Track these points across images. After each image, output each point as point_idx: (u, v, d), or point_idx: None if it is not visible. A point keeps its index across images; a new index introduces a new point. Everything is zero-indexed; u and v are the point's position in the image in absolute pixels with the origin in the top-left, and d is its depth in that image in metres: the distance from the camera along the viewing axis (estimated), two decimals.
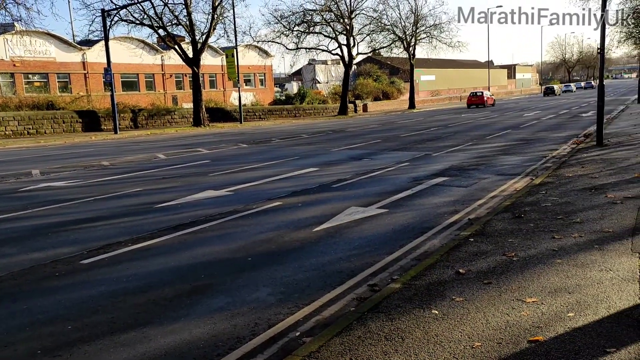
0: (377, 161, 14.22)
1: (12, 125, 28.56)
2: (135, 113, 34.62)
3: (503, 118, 31.07)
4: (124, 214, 8.75)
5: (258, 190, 10.47)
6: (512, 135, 20.27)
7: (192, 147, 20.53)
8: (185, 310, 4.73)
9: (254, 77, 52.08)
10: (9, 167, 15.57)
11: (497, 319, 4.11)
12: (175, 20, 32.84)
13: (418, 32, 49.28)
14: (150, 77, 42.76)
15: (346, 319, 4.28)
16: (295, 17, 42.40)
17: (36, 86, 36.04)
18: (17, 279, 5.67)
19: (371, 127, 29.16)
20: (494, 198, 9.00)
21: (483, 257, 5.64)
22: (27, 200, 10.11)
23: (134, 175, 13.21)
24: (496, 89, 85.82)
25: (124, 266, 5.99)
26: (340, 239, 6.85)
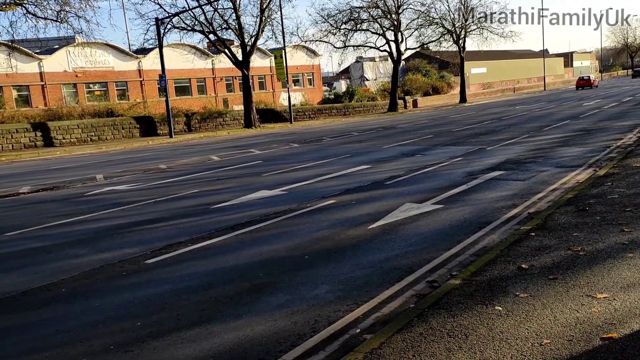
0: (430, 157, 14.02)
1: (76, 133, 29.95)
2: (189, 117, 35.57)
3: (561, 108, 29.95)
4: (183, 215, 9.01)
5: (311, 189, 10.54)
6: (571, 125, 19.51)
7: (245, 148, 20.90)
8: (246, 307, 4.83)
9: (303, 77, 52.43)
10: (76, 173, 16.34)
11: (565, 316, 3.98)
12: (225, 25, 33.51)
13: (468, 24, 48.18)
14: (201, 81, 43.83)
15: (406, 316, 4.24)
16: (342, 15, 42.38)
17: (96, 95, 37.67)
18: (89, 278, 5.95)
19: (422, 122, 28.78)
20: (555, 191, 8.70)
21: (546, 252, 5.46)
22: (93, 204, 10.58)
23: (190, 178, 13.58)
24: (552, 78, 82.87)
25: (186, 265, 6.17)
26: (396, 236, 6.81)
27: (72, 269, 6.28)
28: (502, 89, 70.45)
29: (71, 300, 5.28)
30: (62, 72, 35.34)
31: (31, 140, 28.19)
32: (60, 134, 29.25)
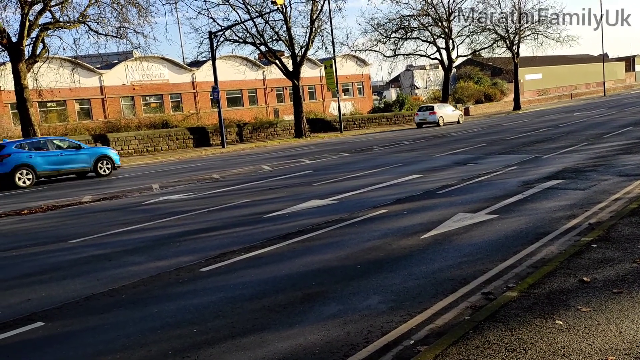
0: (483, 165, 13.73)
1: (133, 144, 31.13)
2: (240, 127, 36.29)
3: (622, 114, 28.68)
4: (236, 224, 9.18)
5: (362, 199, 10.52)
6: (634, 132, 18.64)
7: (295, 158, 21.10)
8: (299, 316, 4.86)
9: (352, 86, 52.55)
10: (133, 183, 16.97)
11: (632, 332, 3.79)
12: (276, 36, 34.09)
13: (522, 29, 47.00)
14: (252, 92, 44.68)
15: (461, 328, 4.16)
16: (392, 24, 42.27)
17: (152, 107, 39.06)
18: (147, 285, 6.15)
19: (474, 130, 28.22)
20: (618, 201, 8.32)
21: (610, 265, 5.23)
22: (150, 213, 10.95)
23: (242, 187, 13.83)
24: (612, 83, 79.57)
25: (239, 274, 6.28)
26: (450, 246, 6.69)
27: (131, 275, 6.51)
28: (559, 95, 68.17)
29: (131, 306, 5.47)
30: (120, 85, 36.89)
31: None
32: (119, 145, 30.44)
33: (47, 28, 23.79)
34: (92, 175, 19.98)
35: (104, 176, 19.72)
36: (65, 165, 19.18)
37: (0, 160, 17.61)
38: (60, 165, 19.04)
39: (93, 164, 19.66)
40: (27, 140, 19.69)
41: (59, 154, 19.06)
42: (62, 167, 19.13)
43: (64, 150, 19.33)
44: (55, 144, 19.48)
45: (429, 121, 36.47)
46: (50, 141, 19.54)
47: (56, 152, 19.06)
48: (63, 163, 19.08)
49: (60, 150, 19.20)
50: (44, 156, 18.62)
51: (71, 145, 19.75)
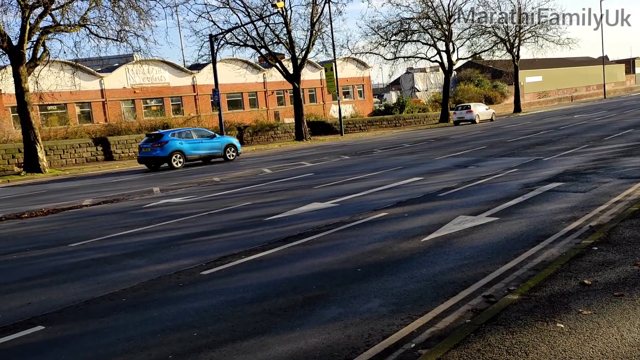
0: (483, 168, 13.72)
1: (134, 147, 31.09)
2: (241, 130, 36.30)
3: (622, 117, 28.69)
4: (236, 227, 9.18)
5: (363, 201, 10.51)
6: (634, 135, 18.64)
7: (296, 161, 21.10)
8: (300, 320, 4.85)
9: (353, 89, 52.60)
10: (134, 186, 16.98)
11: (633, 335, 3.78)
12: (276, 39, 34.14)
13: (522, 32, 47.04)
14: (253, 95, 44.74)
15: (462, 331, 4.15)
16: (392, 27, 42.30)
17: (153, 110, 39.12)
18: (147, 288, 6.14)
19: (475, 133, 28.23)
20: (618, 203, 8.31)
21: (611, 267, 5.22)
22: (150, 216, 10.94)
23: (242, 190, 13.83)
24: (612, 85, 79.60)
25: (240, 277, 6.27)
26: (451, 249, 6.68)
27: (132, 279, 6.50)
28: (559, 97, 68.22)
29: (131, 310, 5.47)
30: (121, 88, 36.95)
31: (93, 155, 29.51)
32: (120, 148, 30.47)
33: (47, 31, 23.83)
34: (220, 160, 23.95)
35: (230, 160, 23.87)
36: (204, 150, 23.39)
37: (161, 146, 21.99)
38: (201, 150, 23.28)
39: (223, 150, 23.94)
40: (177, 130, 24.06)
41: (200, 142, 23.30)
42: (203, 152, 23.36)
43: (203, 139, 23.49)
44: (197, 133, 23.81)
45: (466, 119, 38.39)
46: (193, 131, 24.01)
47: (198, 140, 23.30)
48: (203, 149, 23.34)
49: (200, 139, 23.39)
50: (190, 143, 22.90)
51: (208, 135, 24.00)
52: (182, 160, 22.45)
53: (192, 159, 23.06)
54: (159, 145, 22.08)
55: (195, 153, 23.07)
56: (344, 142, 32.26)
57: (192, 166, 22.75)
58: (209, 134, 24.17)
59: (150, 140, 22.71)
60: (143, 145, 22.80)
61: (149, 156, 22.41)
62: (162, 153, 22.04)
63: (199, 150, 23.18)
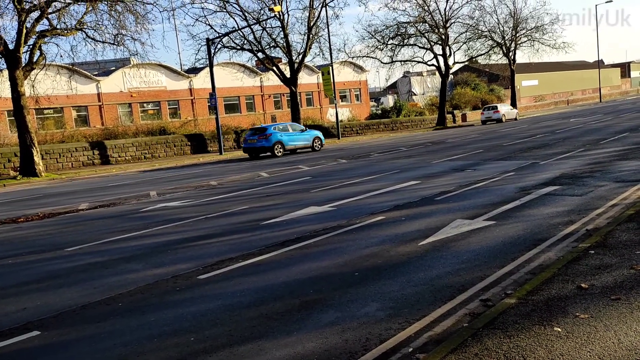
0: (480, 172, 13.75)
1: (131, 151, 31.12)
2: (238, 134, 36.30)
3: (618, 120, 28.80)
4: (233, 231, 9.16)
5: (360, 205, 10.52)
6: (630, 138, 18.71)
7: (293, 165, 21.11)
8: (297, 324, 4.84)
9: (350, 93, 52.67)
10: (131, 190, 16.95)
11: (630, 339, 3.78)
12: (273, 43, 34.21)
13: (518, 36, 47.28)
14: (250, 98, 44.75)
15: (460, 335, 4.14)
16: (389, 31, 42.49)
17: (150, 114, 39.08)
18: (144, 292, 6.12)
19: (472, 137, 28.29)
20: (615, 207, 8.33)
21: (607, 271, 5.23)
22: (147, 220, 10.92)
23: (240, 194, 13.82)
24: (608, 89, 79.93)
25: (237, 281, 6.26)
26: (448, 253, 6.68)
27: (129, 283, 6.48)
28: (555, 101, 68.48)
29: (128, 315, 5.45)
30: (118, 92, 36.91)
31: (89, 159, 29.47)
32: (116, 152, 30.44)
33: (44, 35, 23.81)
34: (308, 150, 28.43)
35: (317, 151, 28.26)
36: (298, 142, 27.74)
37: (266, 138, 26.22)
38: (296, 142, 27.62)
39: (312, 142, 28.32)
40: (277, 124, 28.29)
41: (295, 135, 27.65)
42: (297, 143, 27.68)
43: (297, 132, 27.89)
44: (291, 127, 28.04)
45: (494, 118, 41.93)
46: (289, 125, 28.33)
47: (293, 133, 27.65)
48: (297, 141, 27.72)
49: (295, 132, 27.77)
50: (288, 136, 27.24)
51: (300, 129, 28.31)
52: (282, 150, 26.70)
53: (288, 149, 27.23)
54: (264, 137, 26.25)
55: (292, 144, 27.33)
56: (341, 145, 32.28)
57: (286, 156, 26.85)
58: (300, 128, 28.60)
59: (255, 133, 26.96)
60: (248, 137, 27.01)
61: (254, 146, 26.51)
62: (267, 143, 26.21)
63: (294, 142, 27.50)
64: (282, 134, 26.92)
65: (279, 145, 26.58)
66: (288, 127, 28.04)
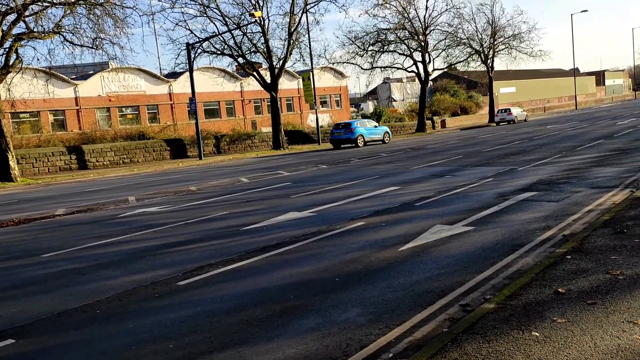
0: (459, 177, 13.89)
1: (109, 156, 30.71)
2: (218, 139, 36.12)
3: (594, 127, 29.39)
4: (213, 236, 9.10)
5: (340, 211, 10.53)
6: (605, 145, 19.10)
7: (273, 170, 21.06)
8: (277, 330, 4.82)
9: (330, 99, 52.84)
10: (109, 195, 16.72)
11: (606, 342, 3.85)
12: (254, 48, 34.16)
13: (496, 43, 48.01)
14: (230, 103, 44.59)
15: (440, 341, 4.17)
16: (369, 37, 42.74)
17: (129, 118, 38.68)
18: (122, 299, 6.03)
19: (451, 143, 28.59)
20: (590, 212, 8.49)
21: (584, 276, 5.32)
22: (126, 226, 10.78)
23: (220, 199, 13.74)
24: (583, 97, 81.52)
25: (217, 287, 6.21)
26: (428, 258, 6.73)
27: (106, 290, 6.38)
28: (532, 108, 69.58)
29: (105, 322, 5.36)
30: (96, 96, 36.47)
31: (66, 163, 29.02)
32: (94, 157, 30.02)
33: (20, 38, 23.42)
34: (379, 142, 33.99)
35: (385, 143, 33.66)
36: (373, 135, 33.56)
37: (351, 131, 32.10)
38: (372, 135, 33.44)
39: (382, 136, 34.11)
40: (357, 120, 34.46)
41: (371, 129, 33.62)
42: (373, 136, 33.52)
43: (372, 127, 33.91)
44: (368, 124, 34.37)
45: (507, 119, 46.82)
46: (367, 122, 34.80)
47: (369, 128, 33.65)
48: (373, 134, 33.59)
49: (370, 127, 33.78)
50: (366, 130, 33.17)
51: (373, 125, 34.56)
52: (362, 142, 32.36)
53: (367, 141, 32.74)
54: (350, 131, 32.02)
55: (369, 137, 33.07)
56: (322, 151, 32.34)
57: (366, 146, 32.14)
58: (374, 125, 34.59)
59: (340, 127, 32.91)
60: (335, 131, 32.84)
61: (341, 138, 32.27)
62: (352, 136, 31.97)
63: (371, 135, 33.25)
64: (362, 128, 32.71)
65: (361, 138, 32.32)
66: (365, 123, 34.15)
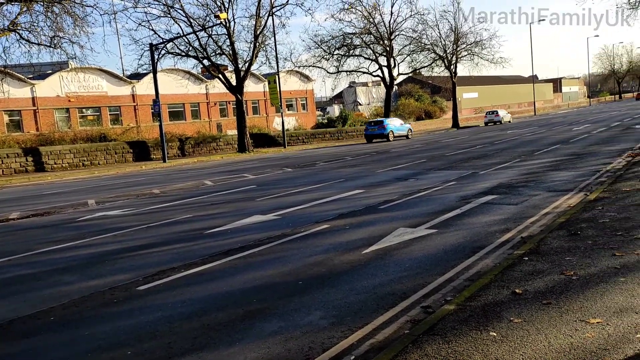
0: (423, 181, 14.08)
1: (68, 158, 29.89)
2: (182, 142, 35.63)
3: (551, 133, 30.28)
4: (176, 240, 8.96)
5: (305, 214, 10.53)
6: (562, 150, 19.71)
7: (238, 173, 20.91)
8: (240, 334, 4.78)
9: (296, 102, 52.83)
10: (67, 198, 16.26)
11: (560, 341, 3.96)
12: (219, 51, 33.85)
13: (459, 50, 48.98)
14: (195, 106, 44.06)
15: (401, 342, 4.21)
16: (335, 41, 43.00)
17: (89, 120, 37.74)
18: (78, 305, 5.87)
19: (415, 147, 28.97)
20: (547, 215, 8.74)
21: (540, 277, 5.47)
22: (84, 230, 10.50)
23: (183, 203, 13.54)
24: (542, 103, 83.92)
25: (179, 291, 6.11)
26: (390, 261, 6.79)
27: (62, 296, 6.20)
28: None
29: (60, 329, 5.20)
30: (54, 97, 35.45)
31: (22, 165, 28.10)
32: (52, 159, 29.18)
33: None
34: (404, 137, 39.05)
35: (409, 139, 38.45)
36: (400, 131, 38.75)
37: (384, 127, 37.24)
38: (399, 131, 38.61)
39: (407, 132, 39.46)
40: (388, 119, 39.39)
41: (398, 126, 38.83)
42: (399, 132, 38.63)
43: (398, 125, 38.97)
44: (397, 121, 39.67)
45: (495, 121, 51.81)
46: (395, 119, 40.07)
47: (396, 125, 38.66)
48: (400, 130, 38.79)
49: (397, 125, 38.83)
50: (395, 127, 38.36)
51: (399, 123, 39.62)
52: (392, 136, 37.48)
53: (395, 136, 38.09)
54: (382, 127, 37.31)
55: (397, 132, 38.37)
56: (287, 154, 32.29)
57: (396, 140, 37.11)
58: (400, 122, 40.04)
59: (374, 124, 38.16)
60: (369, 127, 38.26)
61: (374, 133, 37.64)
62: (384, 131, 37.23)
63: (399, 131, 38.60)
64: (392, 125, 37.99)
65: (391, 133, 37.41)
66: (394, 121, 39.33)
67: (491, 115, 53.18)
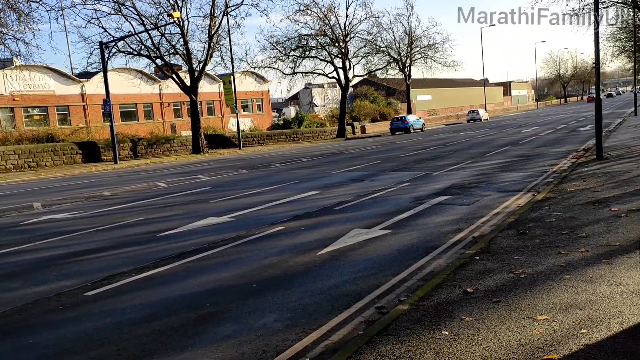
0: (378, 182, 14.22)
1: (12, 159, 28.67)
2: (135, 142, 34.78)
3: (501, 135, 31.20)
4: (127, 243, 8.72)
5: (260, 215, 10.45)
6: (511, 151, 20.33)
7: (193, 175, 20.57)
8: (192, 339, 4.68)
9: (252, 103, 52.45)
10: (11, 201, 15.57)
11: (508, 338, 4.06)
12: (173, 50, 33.26)
13: (413, 52, 49.88)
14: (148, 106, 43.07)
15: (355, 343, 4.22)
16: (291, 43, 43.02)
17: (36, 119, 36.28)
18: (22, 313, 5.61)
19: (370, 148, 29.27)
20: (497, 215, 8.98)
21: (490, 275, 5.60)
22: (29, 234, 10.08)
23: (135, 205, 13.20)
24: (492, 106, 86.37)
25: (129, 296, 5.94)
26: (345, 262, 6.81)
27: (4, 303, 5.92)
28: (447, 115, 72.84)
29: (2, 338, 4.96)
30: None
31: None
32: None
33: None
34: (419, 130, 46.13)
35: (423, 132, 44.55)
36: (417, 125, 45.32)
37: (405, 122, 44.84)
38: (417, 125, 45.31)
39: (421, 125, 46.56)
40: (407, 116, 46.36)
41: (416, 121, 45.75)
42: (417, 125, 45.60)
43: (415, 120, 45.84)
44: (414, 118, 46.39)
45: (476, 119, 56.73)
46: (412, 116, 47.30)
47: (414, 120, 45.64)
48: (417, 124, 46.00)
49: (414, 120, 45.68)
50: (413, 122, 45.11)
51: (415, 119, 46.19)
52: (410, 130, 44.28)
53: (414, 129, 44.88)
54: (405, 122, 44.87)
55: (415, 126, 45.39)
56: (243, 155, 32.01)
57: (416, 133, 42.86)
58: (416, 118, 47.11)
59: (398, 120, 45.84)
60: (394, 122, 45.87)
61: (398, 127, 44.81)
62: (406, 125, 44.53)
63: (416, 125, 45.57)
64: (412, 120, 45.38)
65: (412, 126, 44.67)
66: (413, 117, 46.80)
67: (472, 113, 58.69)
